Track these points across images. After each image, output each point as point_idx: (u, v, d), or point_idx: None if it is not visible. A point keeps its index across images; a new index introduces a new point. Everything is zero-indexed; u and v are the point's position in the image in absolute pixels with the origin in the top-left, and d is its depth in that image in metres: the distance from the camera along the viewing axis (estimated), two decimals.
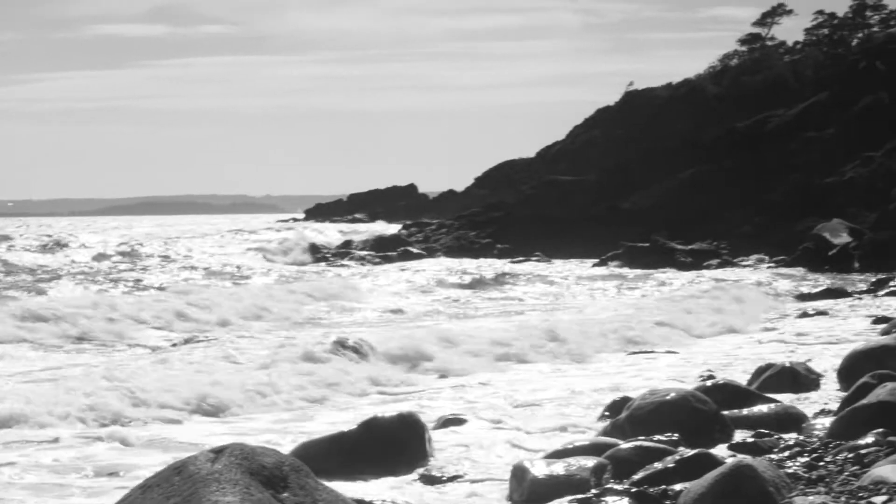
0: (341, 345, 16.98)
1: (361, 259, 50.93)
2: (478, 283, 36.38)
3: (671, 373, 15.99)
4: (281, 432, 12.07)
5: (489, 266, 43.94)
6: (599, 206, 56.76)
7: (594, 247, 47.42)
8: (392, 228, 68.07)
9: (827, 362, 15.82)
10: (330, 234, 69.99)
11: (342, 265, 48.79)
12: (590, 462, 9.37)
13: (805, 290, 30.21)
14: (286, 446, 10.25)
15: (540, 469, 9.27)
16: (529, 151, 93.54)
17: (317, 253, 53.98)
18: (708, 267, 41.94)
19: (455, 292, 33.56)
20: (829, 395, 13.41)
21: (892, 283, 30.13)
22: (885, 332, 17.40)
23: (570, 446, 10.27)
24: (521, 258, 48.90)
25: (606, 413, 12.13)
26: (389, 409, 11.73)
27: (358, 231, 70.68)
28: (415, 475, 9.95)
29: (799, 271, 38.48)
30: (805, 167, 53.71)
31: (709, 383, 12.91)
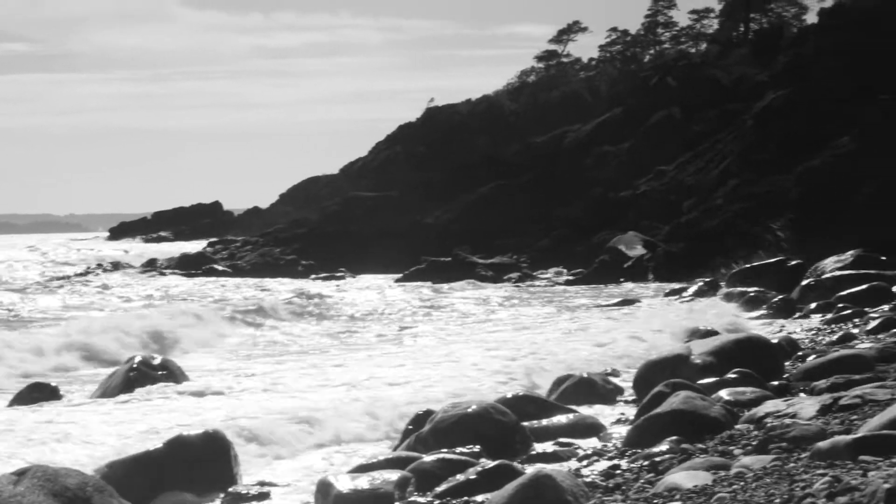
0: None
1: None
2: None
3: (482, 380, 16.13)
4: None
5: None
6: (402, 221, 57.06)
7: (398, 262, 47.65)
8: (198, 246, 67.22)
9: (624, 372, 16.23)
10: (133, 252, 68.96)
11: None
12: (394, 475, 9.47)
13: (601, 301, 30.87)
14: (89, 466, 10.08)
15: (344, 484, 9.33)
16: (333, 168, 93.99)
17: (120, 269, 53.27)
18: (508, 280, 42.48)
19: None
20: (625, 404, 13.77)
21: (684, 294, 31.01)
22: (678, 343, 17.91)
23: (375, 460, 10.38)
24: (325, 274, 48.93)
25: (410, 426, 12.24)
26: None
27: (162, 250, 69.75)
28: (221, 494, 9.93)
29: (595, 283, 39.16)
30: (601, 181, 54.92)
31: (509, 395, 13.12)
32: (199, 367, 18.99)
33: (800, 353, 15.97)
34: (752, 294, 27.11)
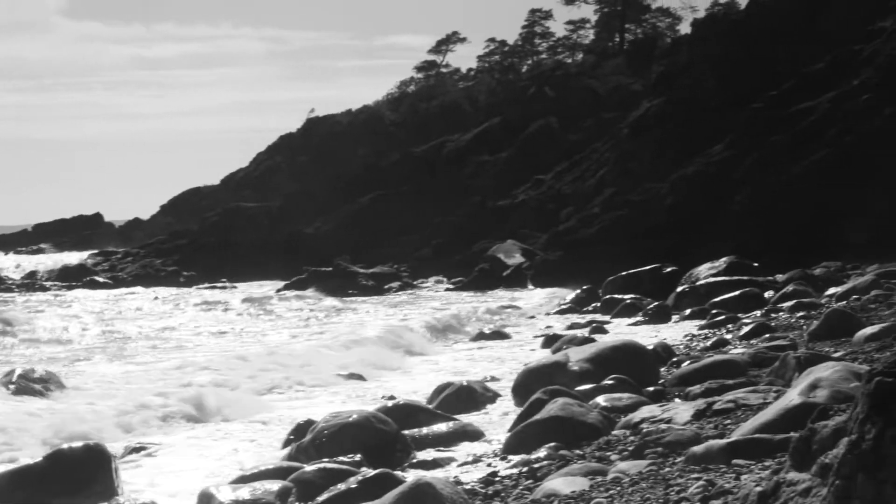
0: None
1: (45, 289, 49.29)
2: None
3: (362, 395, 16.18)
4: None
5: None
6: (283, 231, 56.83)
7: (279, 272, 47.41)
8: (79, 258, 66.08)
9: (502, 379, 16.35)
10: (9, 264, 67.49)
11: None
12: (275, 486, 9.46)
13: (482, 309, 31.02)
14: None
15: (226, 495, 9.30)
16: (215, 178, 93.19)
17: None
18: (389, 290, 42.49)
19: None
20: (504, 411, 13.86)
21: (562, 301, 31.29)
22: (555, 350, 18.08)
23: (256, 470, 10.34)
24: (207, 284, 48.55)
25: (291, 436, 12.20)
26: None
27: (41, 262, 68.37)
28: None
29: (475, 291, 39.33)
30: (480, 190, 55.24)
31: (390, 404, 13.16)
32: None
33: (675, 359, 16.20)
34: (628, 301, 27.50)
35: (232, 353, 21.42)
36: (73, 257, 67.94)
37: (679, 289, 27.63)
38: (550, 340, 20.98)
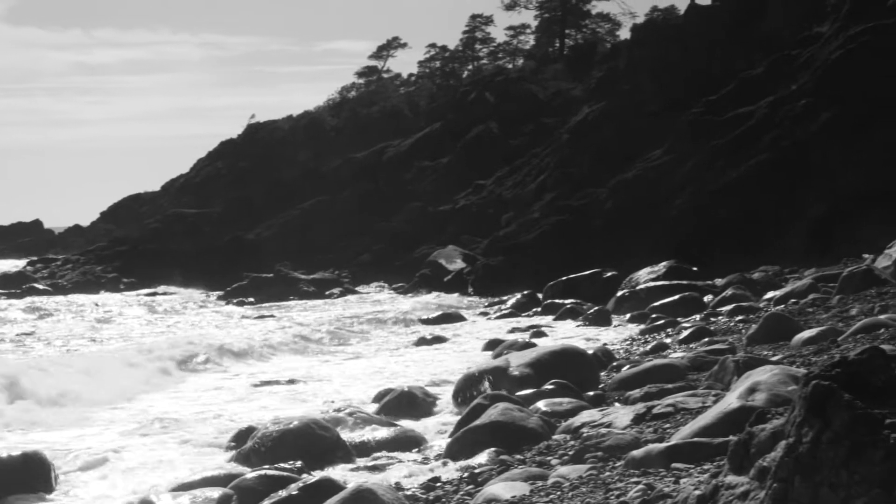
0: None
1: None
2: None
3: (298, 400, 16.12)
4: None
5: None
6: (224, 237, 56.54)
7: (220, 278, 47.17)
8: (18, 265, 65.37)
9: (444, 384, 16.35)
10: None
11: None
12: (216, 493, 9.42)
13: (423, 315, 31.02)
14: None
15: (166, 502, 9.23)
16: (155, 185, 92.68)
17: None
18: (330, 296, 42.40)
19: None
20: (446, 416, 13.86)
21: (503, 307, 31.36)
22: (496, 355, 18.07)
23: (197, 478, 10.28)
24: (147, 291, 48.25)
25: (233, 443, 12.14)
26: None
27: None
28: None
29: (417, 297, 39.31)
30: (421, 195, 55.28)
31: (331, 410, 13.13)
32: None
33: (615, 364, 16.27)
34: (568, 306, 27.60)
35: None
36: (12, 264, 67.27)
37: (619, 293, 27.76)
38: (491, 345, 21.00)
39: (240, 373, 20.15)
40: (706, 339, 17.58)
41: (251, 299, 40.93)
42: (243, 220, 60.23)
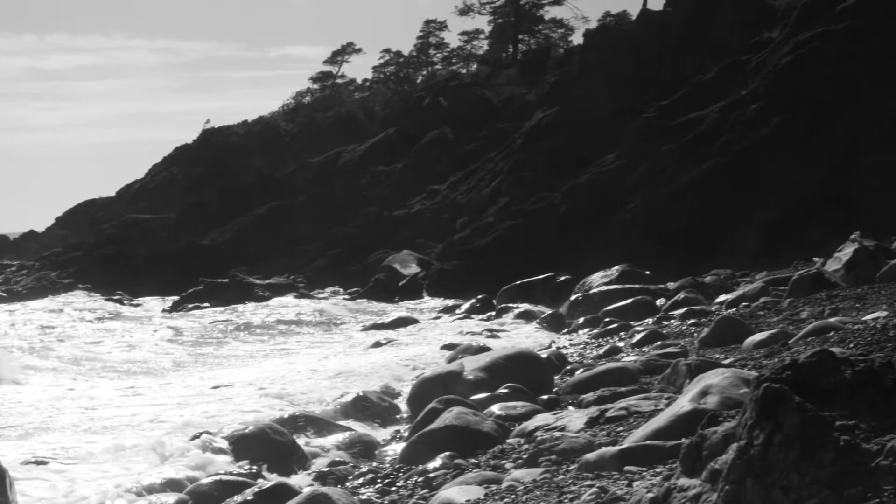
0: None
1: None
2: None
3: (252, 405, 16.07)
4: None
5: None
6: (180, 242, 56.30)
7: (176, 284, 46.93)
8: None
9: (399, 389, 16.37)
10: None
11: None
12: (171, 499, 9.40)
13: (378, 319, 30.98)
14: None
15: None
16: (110, 190, 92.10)
17: None
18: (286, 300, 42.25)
19: None
20: (400, 421, 13.88)
21: (458, 311, 31.38)
22: (451, 359, 18.11)
23: (153, 483, 10.25)
24: (104, 296, 47.91)
25: (189, 448, 12.08)
26: None
27: None
28: None
29: (372, 301, 39.28)
30: (376, 200, 55.22)
31: (286, 415, 13.11)
32: None
33: (568, 367, 16.32)
34: (522, 310, 27.66)
35: None
36: None
37: (573, 297, 27.83)
38: (446, 349, 21.03)
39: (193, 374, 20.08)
40: (659, 343, 17.67)
41: (206, 304, 40.73)
42: (199, 226, 59.97)
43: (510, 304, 29.21)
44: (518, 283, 31.72)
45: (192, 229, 59.49)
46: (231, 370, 21.28)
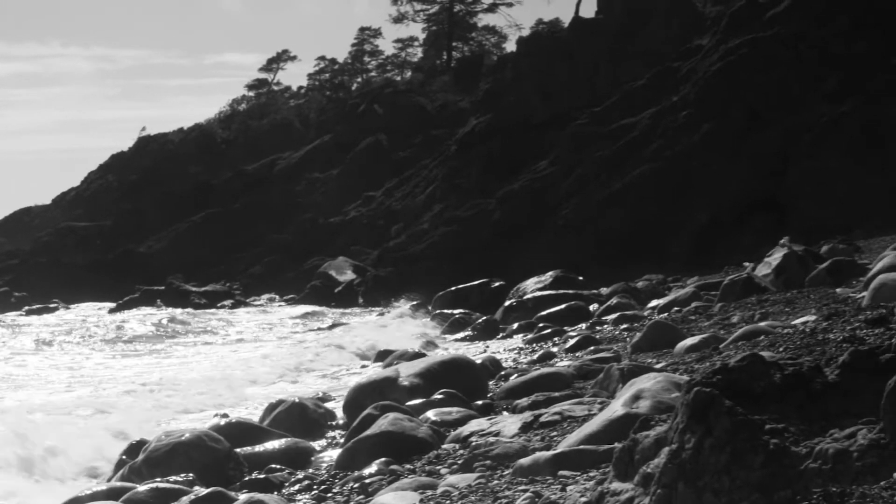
0: None
1: None
2: None
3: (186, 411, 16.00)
4: None
5: None
6: (116, 250, 55.93)
7: (112, 291, 46.61)
8: None
9: (335, 395, 16.34)
10: None
11: None
12: None
13: (313, 326, 30.92)
14: None
15: None
16: (46, 198, 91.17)
17: None
18: (222, 308, 42.09)
19: None
20: (336, 427, 13.85)
21: (393, 318, 31.36)
22: (386, 365, 18.11)
23: (88, 492, 10.18)
24: (38, 306, 47.35)
25: (124, 457, 12.02)
26: None
27: None
28: None
29: (307, 307, 39.15)
30: (311, 207, 55.15)
31: (222, 422, 13.05)
32: None
33: (503, 373, 16.36)
34: (457, 316, 27.70)
35: None
36: None
37: (507, 303, 27.92)
38: (381, 356, 21.01)
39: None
40: (592, 348, 17.77)
41: (148, 311, 40.51)
42: (135, 233, 59.66)
43: (445, 310, 29.20)
44: (453, 289, 31.77)
45: (129, 237, 59.18)
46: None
